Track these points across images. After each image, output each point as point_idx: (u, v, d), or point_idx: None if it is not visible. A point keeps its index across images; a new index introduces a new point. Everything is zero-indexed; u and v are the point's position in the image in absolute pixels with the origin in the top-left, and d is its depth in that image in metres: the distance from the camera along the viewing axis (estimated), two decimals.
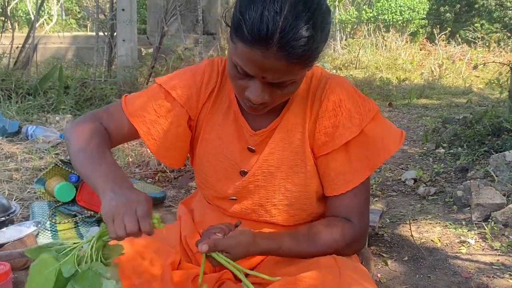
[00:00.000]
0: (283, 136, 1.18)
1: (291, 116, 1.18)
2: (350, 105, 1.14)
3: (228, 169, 1.23)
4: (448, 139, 4.80)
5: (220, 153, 1.23)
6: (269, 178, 1.19)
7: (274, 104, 1.09)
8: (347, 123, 1.12)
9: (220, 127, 1.23)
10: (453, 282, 2.20)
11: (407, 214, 3.06)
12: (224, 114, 1.23)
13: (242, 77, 1.03)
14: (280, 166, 1.18)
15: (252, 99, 1.03)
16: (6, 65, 6.97)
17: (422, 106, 7.78)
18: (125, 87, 6.01)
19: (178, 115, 1.21)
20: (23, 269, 2.12)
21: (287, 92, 1.05)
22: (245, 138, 1.21)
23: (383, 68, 11.46)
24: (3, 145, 4.42)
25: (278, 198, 1.20)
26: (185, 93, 1.22)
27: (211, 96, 1.23)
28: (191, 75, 1.24)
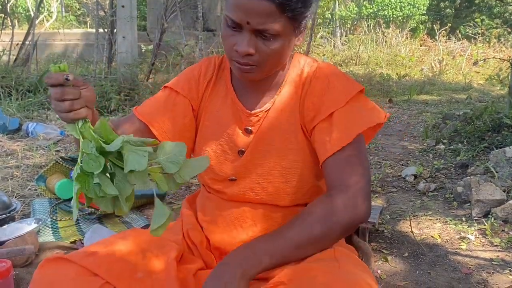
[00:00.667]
0: (276, 116, 1.26)
1: (284, 98, 1.27)
2: (337, 83, 1.22)
3: (227, 150, 1.30)
4: (448, 135, 4.80)
5: (219, 136, 1.30)
6: (265, 156, 1.26)
7: (262, 63, 1.15)
8: (333, 97, 1.20)
9: (218, 113, 1.31)
10: (453, 278, 2.21)
11: (407, 210, 3.07)
12: (221, 100, 1.32)
13: (231, 33, 1.13)
14: (274, 144, 1.25)
15: (239, 49, 1.12)
16: (6, 62, 6.96)
17: (422, 102, 7.77)
18: (125, 84, 6.00)
19: (184, 106, 1.32)
20: (24, 266, 2.12)
21: (272, 48, 1.12)
22: (241, 120, 1.29)
23: (383, 64, 11.44)
24: (3, 142, 4.42)
25: (274, 175, 1.25)
26: (186, 85, 1.33)
27: (209, 85, 1.34)
28: (190, 71, 1.37)
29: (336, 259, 1.09)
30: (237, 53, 1.14)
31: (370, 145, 4.79)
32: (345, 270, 1.03)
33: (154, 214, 0.94)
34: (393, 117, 6.53)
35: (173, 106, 1.31)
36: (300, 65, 1.29)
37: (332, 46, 13.51)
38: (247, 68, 1.16)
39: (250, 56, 1.13)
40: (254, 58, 1.14)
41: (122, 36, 6.42)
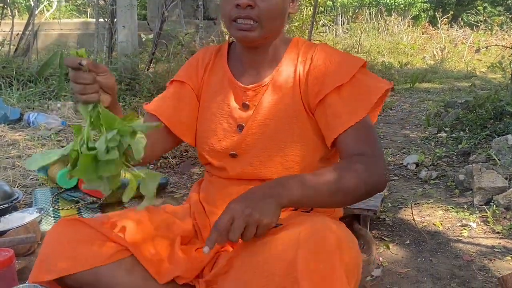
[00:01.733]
0: (275, 92, 1.29)
1: (282, 73, 1.30)
2: (339, 58, 1.26)
3: (227, 127, 1.33)
4: (450, 123, 4.79)
5: (218, 115, 1.35)
6: (264, 131, 1.28)
7: (261, 18, 1.21)
8: (336, 70, 1.23)
9: (216, 93, 1.36)
10: (455, 265, 2.21)
11: (409, 198, 3.07)
12: (219, 81, 1.37)
13: None
14: (274, 118, 1.28)
15: (240, 1, 1.19)
16: (7, 52, 6.94)
17: (424, 90, 7.75)
18: (125, 74, 5.97)
19: (188, 93, 1.39)
20: (27, 255, 2.13)
21: (270, 2, 1.20)
22: (239, 96, 1.33)
23: (385, 52, 11.40)
24: (5, 132, 4.42)
25: (273, 149, 1.28)
26: (186, 73, 1.41)
27: (207, 69, 1.40)
28: (189, 61, 1.45)
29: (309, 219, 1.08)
30: (237, 9, 1.20)
31: None
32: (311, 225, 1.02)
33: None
34: (395, 105, 6.51)
35: (178, 95, 1.39)
36: (299, 45, 1.34)
37: (334, 35, 13.44)
38: (248, 25, 1.21)
39: (251, 9, 1.20)
40: (254, 12, 1.20)
41: (122, 26, 6.38)
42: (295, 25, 10.61)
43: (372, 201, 2.58)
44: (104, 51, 6.83)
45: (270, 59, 1.32)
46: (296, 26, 10.62)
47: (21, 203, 2.74)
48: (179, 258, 1.22)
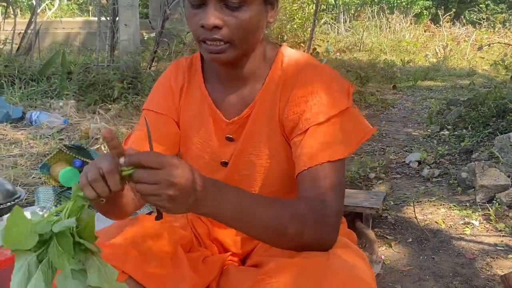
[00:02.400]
0: (258, 124, 1.17)
1: (265, 104, 1.17)
2: (322, 93, 1.11)
3: (210, 162, 1.23)
4: (453, 121, 4.78)
5: (200, 147, 1.24)
6: (250, 167, 1.19)
7: (232, 38, 1.05)
8: (314, 109, 1.09)
9: (195, 120, 1.23)
10: (457, 263, 2.21)
11: (411, 196, 3.06)
12: (198, 107, 1.23)
13: (196, 11, 1.05)
14: (259, 154, 1.18)
15: (205, 22, 1.02)
16: (9, 51, 6.95)
17: (426, 88, 7.73)
18: (128, 72, 5.97)
19: (165, 124, 1.24)
20: None
21: (241, 19, 1.03)
22: (222, 128, 1.20)
23: (387, 50, 11.38)
24: (7, 131, 4.43)
25: (262, 186, 1.20)
26: (161, 101, 1.25)
27: (182, 91, 1.25)
28: (161, 84, 1.28)
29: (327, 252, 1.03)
30: (204, 30, 1.04)
31: (374, 132, 4.77)
32: (337, 261, 1.00)
33: None
34: (397, 103, 6.50)
35: (155, 128, 1.20)
36: (283, 64, 1.18)
37: (336, 33, 13.43)
38: (218, 48, 1.05)
39: (218, 30, 1.04)
40: (223, 33, 1.04)
41: (124, 24, 6.38)
42: (297, 23, 10.61)
43: (374, 199, 2.58)
44: (106, 49, 6.84)
45: (251, 76, 1.18)
46: (298, 24, 10.62)
47: (23, 202, 2.74)
48: (185, 274, 1.14)
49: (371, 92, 6.96)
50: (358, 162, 3.71)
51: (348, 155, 1.10)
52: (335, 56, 10.68)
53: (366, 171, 3.52)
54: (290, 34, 10.54)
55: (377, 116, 5.71)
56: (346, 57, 10.59)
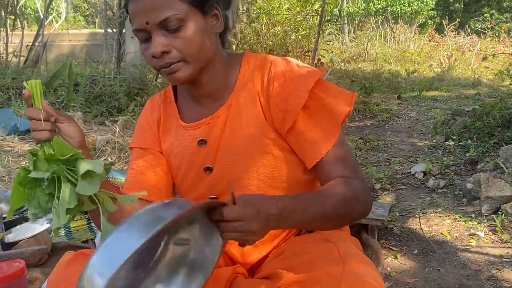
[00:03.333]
0: (237, 123, 1.19)
1: (240, 101, 1.19)
2: (294, 75, 1.16)
3: (195, 175, 1.25)
4: (458, 131, 4.79)
5: (183, 168, 1.25)
6: (238, 167, 1.20)
7: (183, 56, 1.09)
8: (294, 92, 1.14)
9: (173, 145, 1.27)
10: (463, 275, 2.21)
11: (417, 207, 3.07)
12: (174, 133, 1.27)
13: (146, 45, 1.11)
14: (244, 152, 1.19)
15: (153, 52, 1.08)
16: (17, 64, 7.03)
17: (431, 98, 7.74)
18: (134, 84, 6.03)
19: (153, 156, 1.29)
20: (38, 266, 2.16)
21: (184, 37, 1.08)
22: (192, 136, 1.23)
23: (392, 60, 11.40)
24: (15, 143, 4.47)
25: (255, 183, 1.20)
26: (143, 137, 1.31)
27: (160, 123, 1.30)
28: (140, 120, 1.34)
29: (341, 257, 1.09)
30: (156, 59, 1.09)
31: (378, 142, 4.79)
32: (350, 271, 1.02)
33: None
34: (402, 113, 6.51)
35: (144, 163, 1.28)
36: (250, 67, 1.21)
37: (340, 43, 13.47)
38: (172, 67, 1.10)
39: (168, 54, 1.08)
40: (173, 55, 1.09)
41: (130, 37, 6.45)
42: (302, 34, 10.67)
43: (380, 210, 2.59)
44: (113, 61, 6.90)
45: (221, 89, 1.21)
46: (303, 35, 10.68)
47: None
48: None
49: (376, 102, 6.98)
50: (364, 173, 3.71)
51: (348, 115, 1.16)
52: (340, 66, 10.72)
53: (372, 182, 3.53)
54: (294, 45, 10.61)
55: (382, 127, 5.72)
56: (351, 67, 10.63)
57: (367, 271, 1.04)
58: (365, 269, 1.05)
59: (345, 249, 1.12)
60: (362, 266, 1.05)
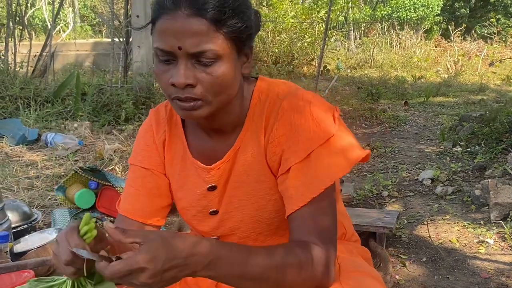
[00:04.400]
0: (244, 169, 1.14)
1: (248, 146, 1.13)
2: (300, 129, 1.06)
3: (198, 214, 1.21)
4: (465, 137, 4.77)
5: (187, 201, 1.22)
6: (243, 212, 1.16)
7: (206, 95, 1.00)
8: (293, 147, 1.06)
9: (180, 176, 1.21)
10: (472, 282, 2.20)
11: (425, 214, 3.05)
12: (181, 161, 1.21)
13: (165, 68, 1.00)
14: (250, 199, 1.14)
15: (176, 81, 0.97)
16: (25, 74, 7.08)
17: (438, 104, 7.72)
18: (141, 93, 6.06)
19: (151, 178, 1.22)
20: (46, 276, 2.16)
21: (215, 75, 0.98)
22: (203, 178, 1.17)
23: (398, 67, 11.40)
24: (23, 153, 4.50)
25: (261, 227, 1.17)
26: (145, 156, 1.23)
27: (165, 146, 1.22)
28: (142, 135, 1.26)
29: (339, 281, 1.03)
30: (175, 88, 0.99)
31: (386, 149, 4.78)
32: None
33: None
34: (409, 119, 6.50)
35: (143, 183, 1.22)
36: (261, 102, 1.13)
37: (346, 50, 13.49)
38: (191, 105, 1.00)
39: (191, 88, 0.98)
40: (197, 91, 0.98)
41: (137, 46, 6.49)
42: (307, 41, 10.69)
43: (388, 218, 2.58)
44: (120, 70, 6.94)
45: (232, 123, 1.13)
46: (308, 42, 10.70)
47: (40, 224, 2.78)
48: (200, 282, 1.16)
49: (383, 108, 6.97)
50: (371, 180, 3.71)
51: (336, 180, 1.06)
52: (346, 73, 10.72)
53: (379, 189, 3.52)
54: (300, 52, 10.63)
55: (389, 133, 5.71)
56: (357, 74, 10.63)
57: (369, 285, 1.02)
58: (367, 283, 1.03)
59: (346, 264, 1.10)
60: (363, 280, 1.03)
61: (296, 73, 9.66)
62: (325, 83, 8.17)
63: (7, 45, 7.07)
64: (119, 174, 3.60)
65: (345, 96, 7.28)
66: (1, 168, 3.89)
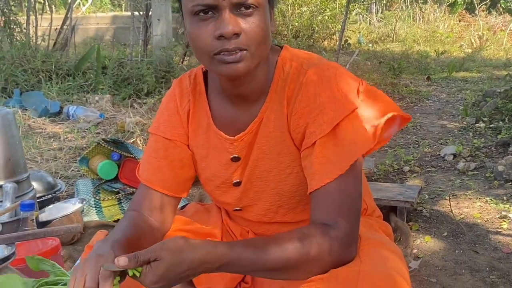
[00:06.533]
0: (267, 140, 1.13)
1: (271, 117, 1.12)
2: (325, 100, 1.04)
3: (222, 185, 1.22)
4: (489, 113, 4.69)
5: (210, 172, 1.22)
6: (265, 183, 1.17)
7: (250, 45, 1.00)
8: (318, 120, 1.04)
9: (204, 147, 1.21)
10: (494, 257, 2.18)
11: (447, 190, 3.03)
12: (204, 132, 1.21)
13: (205, 23, 1.00)
14: (272, 170, 1.14)
15: (225, 31, 0.97)
16: (46, 47, 7.13)
17: (461, 79, 7.58)
18: (161, 67, 6.07)
19: (174, 150, 1.22)
20: (71, 244, 2.21)
21: (256, 24, 0.99)
22: (226, 149, 1.17)
23: (421, 41, 11.19)
24: (46, 125, 4.56)
25: (282, 200, 1.17)
26: (170, 127, 1.22)
27: (189, 117, 1.22)
28: (165, 106, 1.25)
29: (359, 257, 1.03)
30: (221, 41, 0.98)
31: (407, 124, 4.73)
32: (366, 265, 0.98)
33: None
34: (432, 95, 6.40)
35: (165, 154, 1.21)
36: (284, 72, 1.12)
37: (368, 23, 13.26)
38: (238, 56, 0.99)
39: (237, 37, 0.98)
40: (242, 40, 0.99)
41: (157, 19, 6.46)
42: (328, 15, 10.52)
43: (409, 192, 2.57)
44: (140, 44, 6.94)
45: (257, 90, 1.12)
46: (329, 15, 10.53)
47: (63, 194, 2.83)
48: None
49: (405, 83, 6.88)
50: (392, 155, 3.68)
51: (363, 155, 1.04)
52: (367, 47, 10.56)
53: (400, 165, 3.49)
54: (320, 26, 10.48)
55: (411, 109, 5.64)
56: (379, 48, 10.47)
57: (388, 258, 1.02)
58: (386, 257, 1.02)
59: (366, 239, 1.10)
60: (382, 254, 1.03)
61: (316, 47, 9.54)
62: (346, 58, 8.07)
63: (29, 18, 7.11)
64: (140, 147, 3.63)
65: (366, 71, 7.19)
66: (25, 140, 3.95)
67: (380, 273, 0.95)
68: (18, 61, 6.03)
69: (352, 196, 1.03)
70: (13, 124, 2.23)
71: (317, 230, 0.99)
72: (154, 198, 1.20)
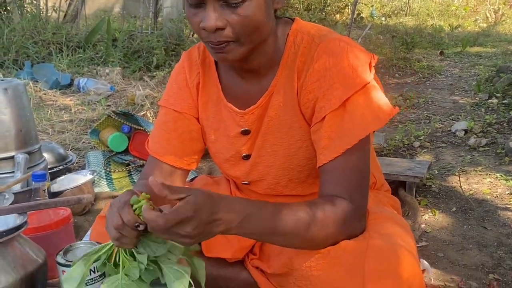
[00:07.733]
0: (277, 114, 1.13)
1: (281, 90, 1.11)
2: (335, 74, 1.03)
3: (231, 158, 1.23)
4: (502, 88, 4.63)
5: (220, 145, 1.23)
6: (274, 157, 1.17)
7: (237, 37, 0.99)
8: (327, 95, 1.03)
9: (214, 119, 1.22)
10: (502, 233, 2.18)
11: (456, 165, 3.01)
12: (214, 105, 1.21)
13: (195, 11, 0.99)
14: (282, 144, 1.14)
15: (206, 25, 0.96)
16: (56, 19, 7.11)
17: (475, 54, 7.47)
18: (171, 39, 6.03)
19: (183, 122, 1.23)
20: (82, 215, 2.24)
21: (244, 15, 0.96)
22: (237, 122, 1.17)
23: (435, 15, 11.00)
24: (57, 97, 4.58)
25: (291, 174, 1.18)
26: (180, 99, 1.23)
27: (199, 89, 1.22)
28: (175, 79, 1.25)
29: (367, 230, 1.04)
30: (206, 32, 0.98)
31: (419, 99, 4.69)
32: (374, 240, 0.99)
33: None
34: (444, 70, 6.33)
35: (175, 127, 1.23)
36: (296, 45, 1.10)
37: None
38: (223, 46, 0.99)
39: (221, 31, 0.97)
40: (227, 33, 0.97)
41: None
42: None
43: (419, 167, 2.56)
44: (150, 16, 6.90)
45: (266, 64, 1.12)
46: None
47: (74, 165, 2.86)
48: (230, 237, 1.18)
49: (418, 58, 6.79)
50: (403, 131, 3.66)
51: (370, 133, 1.04)
52: (380, 21, 10.41)
53: (411, 140, 3.48)
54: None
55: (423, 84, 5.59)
56: (392, 22, 10.32)
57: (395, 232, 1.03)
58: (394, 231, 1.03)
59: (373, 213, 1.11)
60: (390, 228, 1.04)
61: (328, 20, 9.42)
62: (358, 32, 7.97)
63: None
64: (150, 120, 3.64)
65: (378, 45, 7.10)
66: (36, 112, 3.97)
67: (388, 247, 0.96)
68: (29, 33, 6.02)
69: (360, 170, 1.04)
70: (24, 95, 2.24)
71: (325, 200, 1.00)
72: (163, 170, 1.22)
